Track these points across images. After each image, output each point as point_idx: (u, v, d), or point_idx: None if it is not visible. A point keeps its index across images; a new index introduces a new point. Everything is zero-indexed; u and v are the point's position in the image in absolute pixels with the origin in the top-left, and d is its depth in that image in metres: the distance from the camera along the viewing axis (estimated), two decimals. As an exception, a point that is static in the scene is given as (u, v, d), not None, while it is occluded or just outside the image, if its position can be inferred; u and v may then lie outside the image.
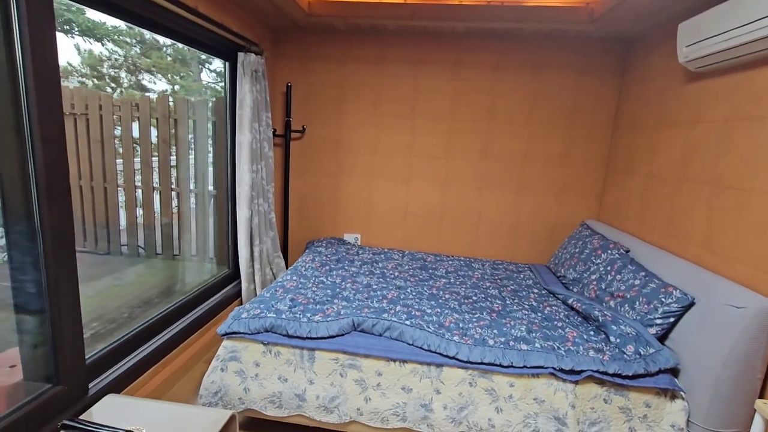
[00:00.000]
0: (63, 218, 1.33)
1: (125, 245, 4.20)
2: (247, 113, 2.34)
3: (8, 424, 1.23)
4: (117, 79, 8.78)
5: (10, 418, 1.25)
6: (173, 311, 2.11)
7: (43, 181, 1.26)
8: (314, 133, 2.88)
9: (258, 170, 2.49)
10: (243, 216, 2.44)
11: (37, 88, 1.22)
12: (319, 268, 2.32)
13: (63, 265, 1.36)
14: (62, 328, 1.38)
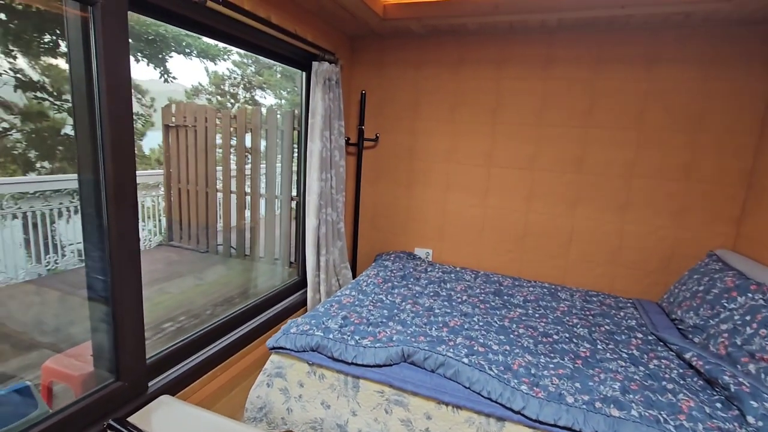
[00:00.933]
0: (128, 221, 1.39)
1: (220, 245, 4.59)
2: (318, 122, 2.32)
3: (73, 412, 1.30)
4: (235, 95, 9.85)
5: (75, 406, 1.32)
6: (238, 315, 2.15)
7: (111, 187, 1.33)
8: (387, 141, 2.77)
9: (327, 179, 2.46)
10: (311, 225, 2.42)
11: (110, 106, 1.28)
12: (381, 284, 2.19)
13: (126, 266, 1.42)
14: (124, 327, 1.45)
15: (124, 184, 1.37)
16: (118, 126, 1.33)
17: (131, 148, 1.39)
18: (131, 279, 1.45)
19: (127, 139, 1.36)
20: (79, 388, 1.59)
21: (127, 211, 1.39)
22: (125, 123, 1.35)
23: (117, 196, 1.35)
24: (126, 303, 1.44)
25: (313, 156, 2.37)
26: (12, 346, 2.40)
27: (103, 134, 1.30)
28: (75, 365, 1.68)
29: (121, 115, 1.33)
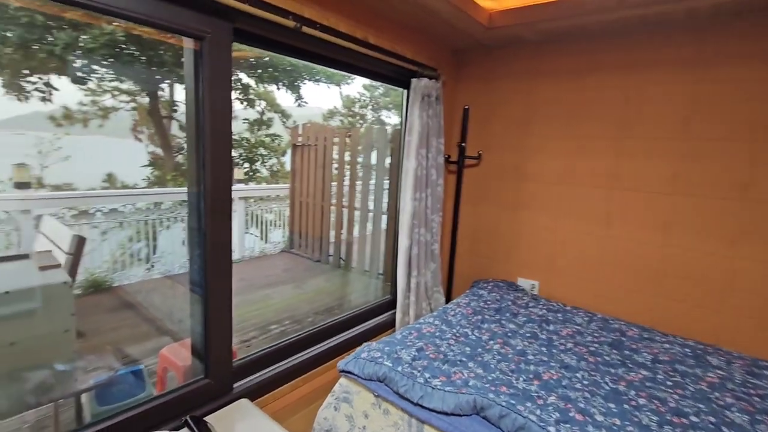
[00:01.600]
0: (222, 233, 1.52)
1: (332, 255, 4.87)
2: (414, 139, 2.25)
3: (163, 401, 1.45)
4: (364, 116, 10.59)
5: (166, 396, 1.47)
6: (327, 329, 2.19)
7: (209, 200, 1.47)
8: (492, 160, 2.56)
9: (422, 198, 2.37)
10: (403, 245, 2.35)
11: (212, 126, 1.42)
12: (470, 315, 1.98)
13: (219, 274, 1.54)
14: (214, 330, 1.57)
15: (220, 199, 1.50)
16: (218, 145, 1.47)
17: (228, 166, 1.51)
18: (222, 286, 1.57)
19: (225, 157, 1.49)
20: (181, 378, 1.79)
21: (222, 224, 1.52)
22: (224, 142, 1.49)
23: (213, 209, 1.49)
24: (216, 308, 1.57)
25: (407, 174, 2.31)
26: (155, 329, 2.88)
27: (204, 153, 1.44)
28: (182, 356, 1.89)
29: (221, 136, 1.47)
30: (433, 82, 2.29)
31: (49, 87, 4.36)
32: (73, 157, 8.98)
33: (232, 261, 1.60)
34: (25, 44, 3.50)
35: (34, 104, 5.77)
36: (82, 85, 4.66)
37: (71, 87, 5.97)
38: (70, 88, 7.20)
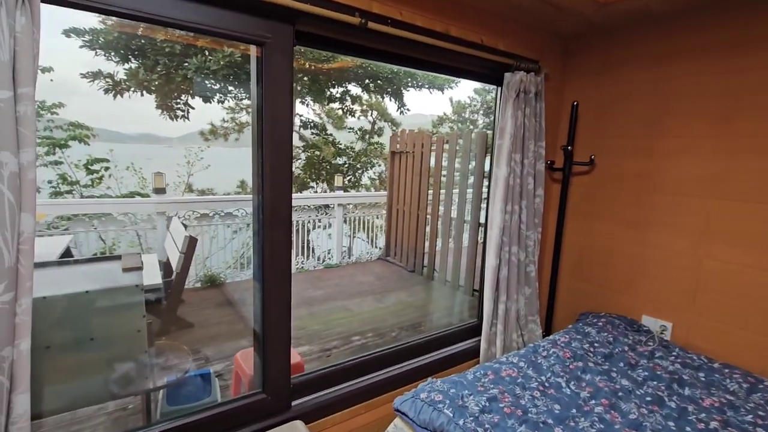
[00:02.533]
0: (280, 244, 1.46)
1: (425, 266, 4.67)
2: (506, 143, 1.94)
3: (222, 412, 1.44)
4: (475, 121, 10.23)
5: (223, 407, 1.46)
6: (402, 350, 2.01)
7: (268, 210, 1.42)
8: (607, 166, 2.08)
9: (514, 211, 2.03)
10: (490, 264, 2.05)
11: (272, 134, 1.38)
12: (569, 359, 1.59)
13: (276, 285, 1.49)
14: (271, 344, 1.52)
15: (278, 208, 1.44)
16: (277, 153, 1.41)
17: (288, 175, 1.45)
18: (280, 298, 1.51)
19: (284, 165, 1.43)
20: (247, 387, 1.80)
21: (281, 234, 1.46)
22: (284, 151, 1.43)
23: (272, 219, 1.44)
24: (273, 321, 1.51)
25: (497, 183, 2.00)
26: (248, 329, 3.06)
27: (264, 161, 1.40)
28: (251, 363, 1.91)
29: (280, 143, 1.41)
30: (531, 75, 1.95)
31: (187, 106, 5.10)
32: (213, 166, 10.47)
33: (290, 271, 1.53)
34: (168, 70, 4.14)
35: (189, 123, 6.90)
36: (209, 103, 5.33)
37: (217, 106, 6.94)
38: (215, 108, 8.43)
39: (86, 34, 4.06)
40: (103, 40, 4.05)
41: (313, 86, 5.58)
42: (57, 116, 5.07)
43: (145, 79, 4.15)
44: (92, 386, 1.36)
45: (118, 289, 1.37)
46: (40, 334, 1.24)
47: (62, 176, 4.89)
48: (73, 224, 3.42)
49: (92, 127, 5.28)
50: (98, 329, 1.36)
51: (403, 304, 3.77)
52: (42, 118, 4.94)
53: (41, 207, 2.87)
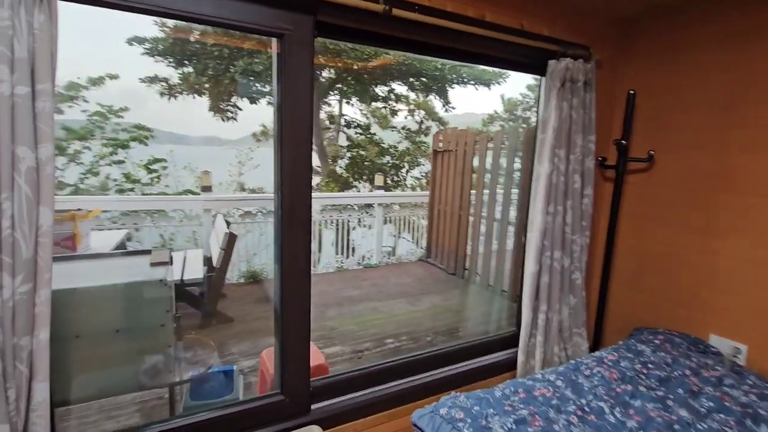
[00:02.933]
0: (298, 244, 1.42)
1: (467, 269, 4.49)
2: (549, 137, 1.77)
3: (241, 411, 1.43)
4: (528, 119, 9.83)
5: (242, 406, 1.45)
6: (431, 358, 1.91)
7: (286, 210, 1.39)
8: (669, 163, 1.84)
9: (557, 212, 1.85)
10: (529, 269, 1.88)
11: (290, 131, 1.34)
12: (615, 381, 1.41)
13: (294, 286, 1.45)
14: (289, 345, 1.48)
15: (296, 207, 1.40)
16: (296, 150, 1.37)
17: (307, 173, 1.40)
18: (299, 299, 1.47)
19: (303, 164, 1.39)
20: (269, 387, 1.78)
21: (298, 234, 1.42)
22: (303, 148, 1.38)
23: (290, 219, 1.40)
24: (292, 322, 1.47)
25: (538, 181, 1.83)
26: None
27: (283, 158, 1.37)
28: (276, 362, 1.89)
29: (299, 140, 1.37)
30: (579, 63, 1.76)
31: (235, 108, 5.31)
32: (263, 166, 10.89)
33: (309, 272, 1.48)
34: (217, 73, 4.33)
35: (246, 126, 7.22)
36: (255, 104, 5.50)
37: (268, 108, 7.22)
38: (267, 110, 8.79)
39: (147, 42, 4.35)
40: (161, 47, 4.32)
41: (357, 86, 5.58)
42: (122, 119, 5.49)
43: (196, 82, 4.36)
44: (117, 377, 1.39)
45: (142, 284, 1.39)
46: (69, 324, 1.29)
47: (126, 175, 5.29)
48: (130, 219, 3.66)
49: (153, 128, 5.66)
50: (123, 322, 1.39)
51: (441, 307, 3.63)
52: (109, 121, 5.38)
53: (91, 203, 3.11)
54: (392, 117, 10.05)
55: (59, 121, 4.99)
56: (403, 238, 5.86)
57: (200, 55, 4.19)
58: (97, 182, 4.86)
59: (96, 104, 5.35)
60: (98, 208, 3.22)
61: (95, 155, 4.83)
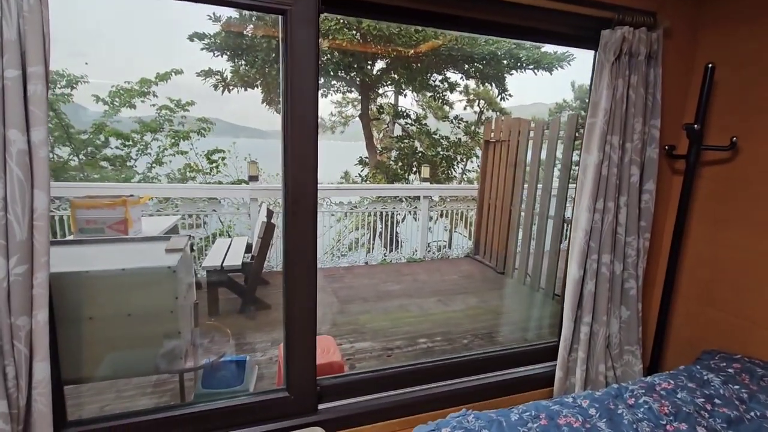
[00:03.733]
0: (303, 237, 1.34)
1: (517, 269, 4.18)
2: (599, 122, 1.52)
3: (247, 403, 1.40)
4: None
5: (248, 399, 1.42)
6: (457, 364, 1.76)
7: (290, 200, 1.31)
8: (758, 151, 1.49)
9: (607, 210, 1.59)
10: (571, 275, 1.65)
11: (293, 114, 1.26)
12: (666, 416, 1.16)
13: (300, 280, 1.38)
14: (294, 341, 1.42)
15: (301, 196, 1.32)
16: (300, 136, 1.28)
17: (312, 160, 1.31)
18: (304, 293, 1.40)
19: (308, 150, 1.30)
20: (281, 381, 1.74)
21: (303, 226, 1.34)
22: (307, 132, 1.29)
23: (294, 208, 1.32)
24: (296, 317, 1.41)
25: (585, 173, 1.59)
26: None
27: (286, 145, 1.29)
28: (295, 355, 1.85)
29: (303, 124, 1.28)
30: (641, 32, 1.48)
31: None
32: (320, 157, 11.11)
33: (315, 265, 1.40)
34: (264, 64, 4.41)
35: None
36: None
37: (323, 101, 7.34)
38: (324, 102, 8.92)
39: (205, 38, 4.55)
40: (217, 42, 4.50)
41: (409, 74, 5.41)
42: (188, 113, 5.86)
43: (246, 75, 4.49)
44: (128, 360, 1.41)
45: (150, 270, 1.40)
46: (82, 305, 1.33)
47: (189, 165, 5.65)
48: (187, 207, 3.88)
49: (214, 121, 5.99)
50: (134, 307, 1.40)
51: (483, 309, 3.40)
52: (176, 114, 5.77)
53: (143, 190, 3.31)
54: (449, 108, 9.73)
55: (133, 115, 5.45)
56: (457, 232, 5.66)
57: (251, 47, 4.30)
58: (162, 172, 5.24)
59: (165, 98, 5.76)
60: (148, 195, 3.43)
61: (160, 146, 5.19)
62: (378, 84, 6.06)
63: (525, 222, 4.01)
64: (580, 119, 3.45)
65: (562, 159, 3.50)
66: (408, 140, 6.49)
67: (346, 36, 4.10)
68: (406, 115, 6.19)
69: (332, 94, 7.12)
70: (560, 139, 3.55)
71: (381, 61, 5.74)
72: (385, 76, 6.26)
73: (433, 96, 6.00)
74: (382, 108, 6.31)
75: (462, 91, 10.85)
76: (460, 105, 11.02)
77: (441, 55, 5.02)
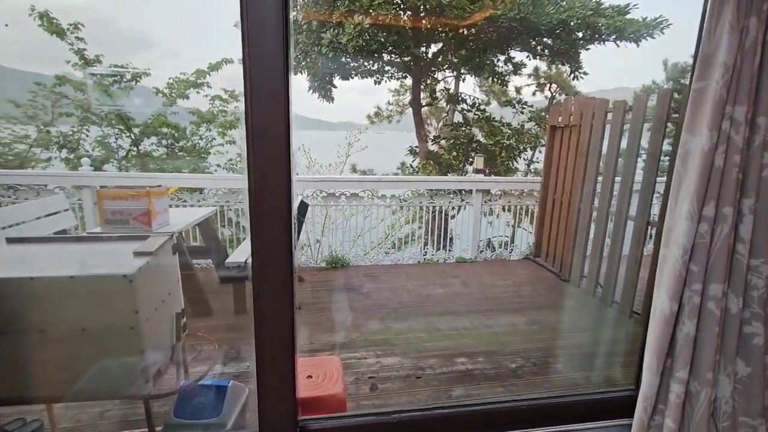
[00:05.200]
0: (272, 239, 1.02)
1: (585, 276, 3.55)
2: (714, 86, 1.01)
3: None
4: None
5: None
6: (483, 413, 1.36)
7: (255, 195, 1.00)
8: None
9: (721, 218, 1.07)
10: (658, 308, 1.16)
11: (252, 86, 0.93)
12: None
13: (269, 294, 1.07)
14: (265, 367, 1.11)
15: (267, 193, 1.00)
16: (266, 116, 0.96)
17: (283, 148, 0.98)
18: (275, 314, 1.08)
19: (278, 134, 0.97)
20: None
21: (272, 225, 1.02)
22: (274, 113, 0.96)
23: (259, 208, 1.01)
24: (267, 339, 1.10)
25: (687, 164, 1.09)
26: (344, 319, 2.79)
27: (249, 127, 0.97)
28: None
29: (271, 103, 0.95)
30: (795, -61, 0.94)
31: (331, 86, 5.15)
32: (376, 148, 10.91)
33: (292, 279, 1.08)
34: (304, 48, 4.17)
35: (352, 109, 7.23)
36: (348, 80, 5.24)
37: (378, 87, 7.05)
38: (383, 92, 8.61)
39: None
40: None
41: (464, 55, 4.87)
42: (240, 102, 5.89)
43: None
44: (84, 381, 1.20)
45: (102, 278, 1.16)
46: (31, 316, 1.14)
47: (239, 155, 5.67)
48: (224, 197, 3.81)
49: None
50: (89, 321, 1.18)
51: (542, 325, 2.88)
52: (229, 104, 5.82)
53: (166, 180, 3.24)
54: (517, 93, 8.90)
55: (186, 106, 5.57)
56: (522, 228, 5.09)
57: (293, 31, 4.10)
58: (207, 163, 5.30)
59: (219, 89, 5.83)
60: (176, 185, 3.37)
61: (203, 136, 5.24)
62: (432, 67, 5.58)
63: (598, 222, 3.38)
64: (674, 99, 2.75)
65: (648, 147, 2.83)
66: (465, 128, 5.95)
67: (390, 11, 3.70)
68: (462, 100, 5.65)
69: (386, 81, 6.76)
70: (647, 123, 2.88)
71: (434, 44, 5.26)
72: (441, 59, 5.77)
73: (493, 78, 5.38)
74: (435, 93, 5.82)
75: (531, 75, 9.90)
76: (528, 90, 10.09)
77: (502, 30, 4.40)
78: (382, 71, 6.54)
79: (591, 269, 3.44)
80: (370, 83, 6.72)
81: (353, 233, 4.75)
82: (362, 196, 3.95)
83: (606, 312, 3.14)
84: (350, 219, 4.53)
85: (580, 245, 3.58)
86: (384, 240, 5.75)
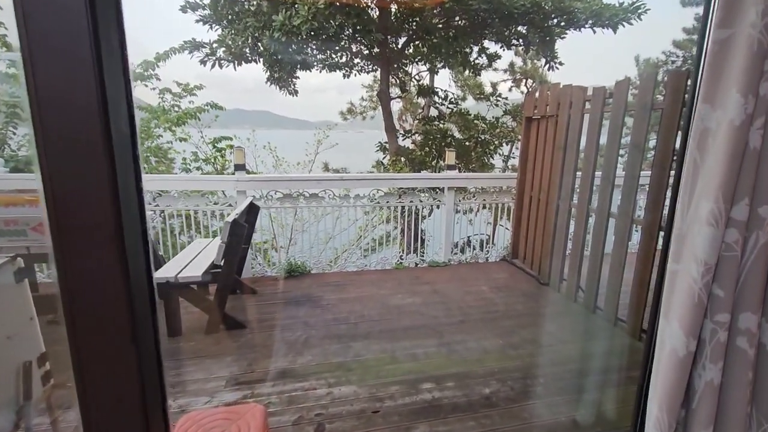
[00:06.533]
0: (89, 272, 0.66)
1: (565, 279, 3.29)
2: (744, 38, 0.69)
3: None
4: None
5: None
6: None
7: (56, 208, 0.63)
8: None
9: (756, 222, 0.76)
10: (668, 345, 0.85)
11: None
12: None
13: (88, 332, 0.70)
14: None
15: (75, 203, 0.63)
16: (56, 87, 0.59)
17: (96, 133, 0.62)
18: (102, 356, 0.72)
19: (88, 120, 0.60)
20: None
21: (89, 249, 0.65)
22: (81, 92, 0.59)
23: (64, 224, 0.64)
24: (93, 399, 0.73)
25: (706, 147, 0.77)
26: (303, 340, 2.42)
27: (34, 108, 0.60)
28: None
29: (70, 74, 0.58)
30: None
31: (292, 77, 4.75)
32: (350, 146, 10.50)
33: (125, 303, 0.71)
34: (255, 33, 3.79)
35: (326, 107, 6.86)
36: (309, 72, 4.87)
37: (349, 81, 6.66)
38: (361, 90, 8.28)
39: (199, 8, 4.00)
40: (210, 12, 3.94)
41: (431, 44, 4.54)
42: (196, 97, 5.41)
43: (232, 45, 3.89)
44: None
45: None
46: None
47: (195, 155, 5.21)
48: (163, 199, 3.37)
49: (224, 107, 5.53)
50: None
51: (520, 338, 2.57)
52: (183, 99, 5.34)
53: None
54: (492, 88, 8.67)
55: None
56: (501, 225, 4.81)
57: (241, 13, 3.69)
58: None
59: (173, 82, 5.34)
60: None
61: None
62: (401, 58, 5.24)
63: (577, 220, 3.11)
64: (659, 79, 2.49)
65: (631, 137, 2.57)
66: (439, 122, 5.65)
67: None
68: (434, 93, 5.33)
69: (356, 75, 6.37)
70: (629, 112, 2.61)
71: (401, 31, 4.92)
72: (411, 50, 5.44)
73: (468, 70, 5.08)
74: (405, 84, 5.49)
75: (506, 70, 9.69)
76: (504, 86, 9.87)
77: (471, 13, 4.09)
78: (351, 64, 6.16)
79: (571, 271, 3.18)
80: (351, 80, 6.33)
81: (324, 236, 4.39)
82: (322, 196, 3.58)
83: (590, 320, 2.87)
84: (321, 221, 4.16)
85: (559, 245, 3.32)
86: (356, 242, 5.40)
